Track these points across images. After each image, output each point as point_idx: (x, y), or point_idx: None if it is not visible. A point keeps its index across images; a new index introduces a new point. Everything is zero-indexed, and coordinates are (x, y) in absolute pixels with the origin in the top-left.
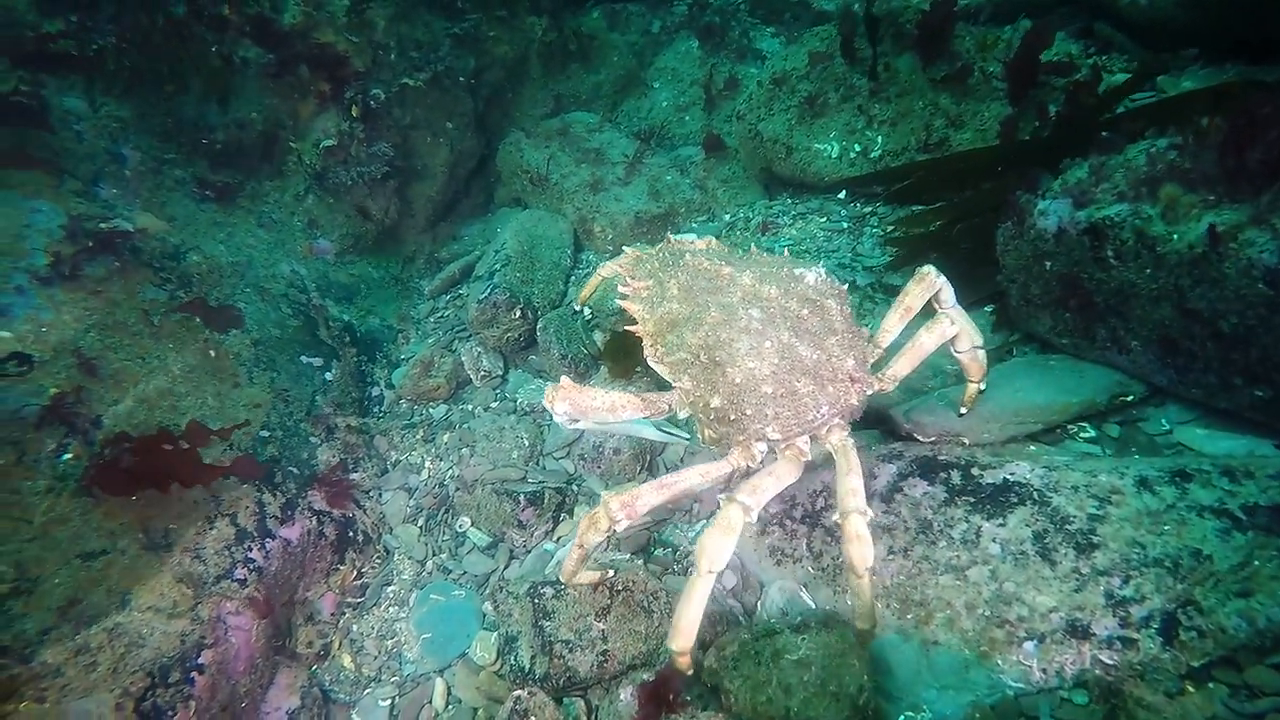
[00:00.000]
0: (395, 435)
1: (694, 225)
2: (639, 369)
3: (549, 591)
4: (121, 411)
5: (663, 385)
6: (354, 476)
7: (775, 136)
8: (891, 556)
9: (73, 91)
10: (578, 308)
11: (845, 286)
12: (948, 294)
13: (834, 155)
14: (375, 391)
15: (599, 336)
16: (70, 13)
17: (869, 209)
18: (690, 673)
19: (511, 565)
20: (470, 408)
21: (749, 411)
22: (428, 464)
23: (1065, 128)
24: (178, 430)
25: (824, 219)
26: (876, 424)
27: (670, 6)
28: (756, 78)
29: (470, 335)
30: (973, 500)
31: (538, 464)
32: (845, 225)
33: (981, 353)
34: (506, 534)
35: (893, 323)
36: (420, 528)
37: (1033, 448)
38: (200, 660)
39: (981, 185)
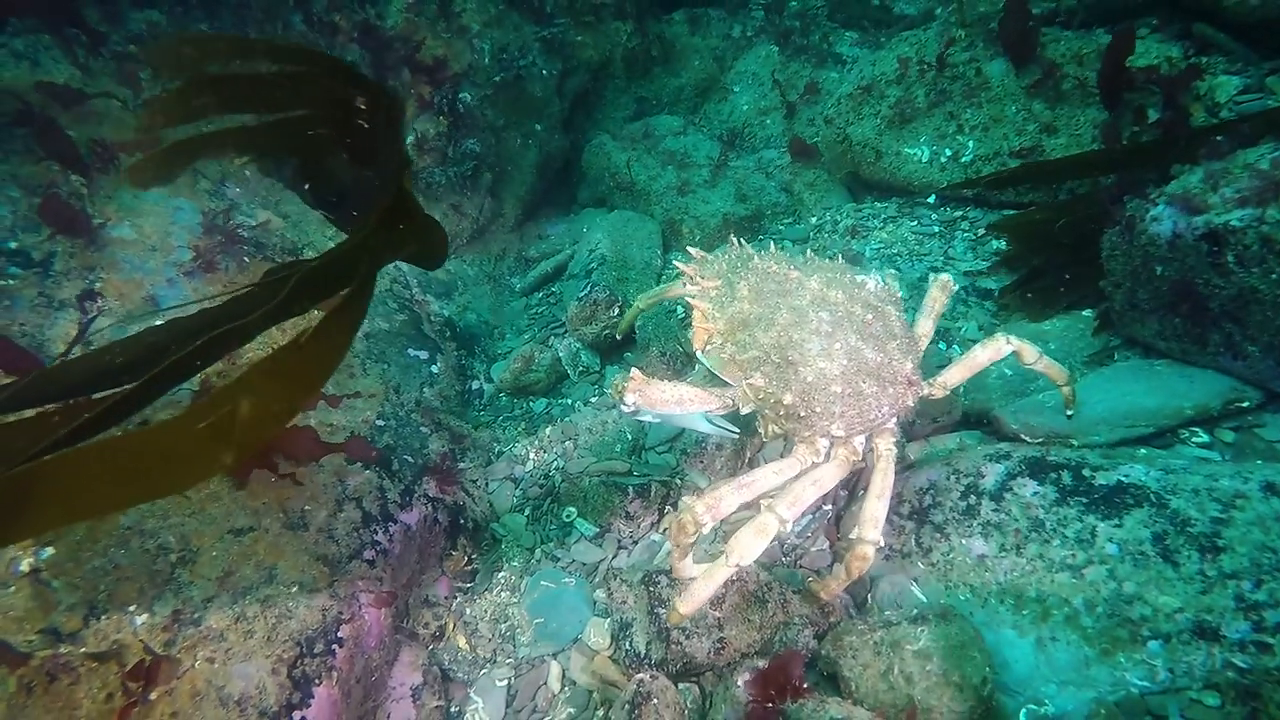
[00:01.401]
0: (498, 427)
1: (780, 227)
2: None
3: (664, 580)
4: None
5: (713, 381)
6: (462, 466)
7: (864, 140)
8: (1003, 554)
9: None
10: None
11: (901, 294)
12: (1030, 352)
13: (924, 160)
14: (475, 385)
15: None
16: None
17: (959, 213)
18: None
19: (620, 555)
20: (570, 402)
21: (818, 409)
22: (532, 455)
23: (1170, 132)
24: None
25: (914, 223)
26: (978, 425)
27: (749, 11)
28: (843, 82)
29: (568, 332)
30: (1085, 501)
31: (641, 458)
32: (937, 229)
33: (1049, 360)
34: (614, 524)
35: (925, 327)
36: (527, 517)
37: (1143, 451)
38: (340, 634)
39: (1079, 190)
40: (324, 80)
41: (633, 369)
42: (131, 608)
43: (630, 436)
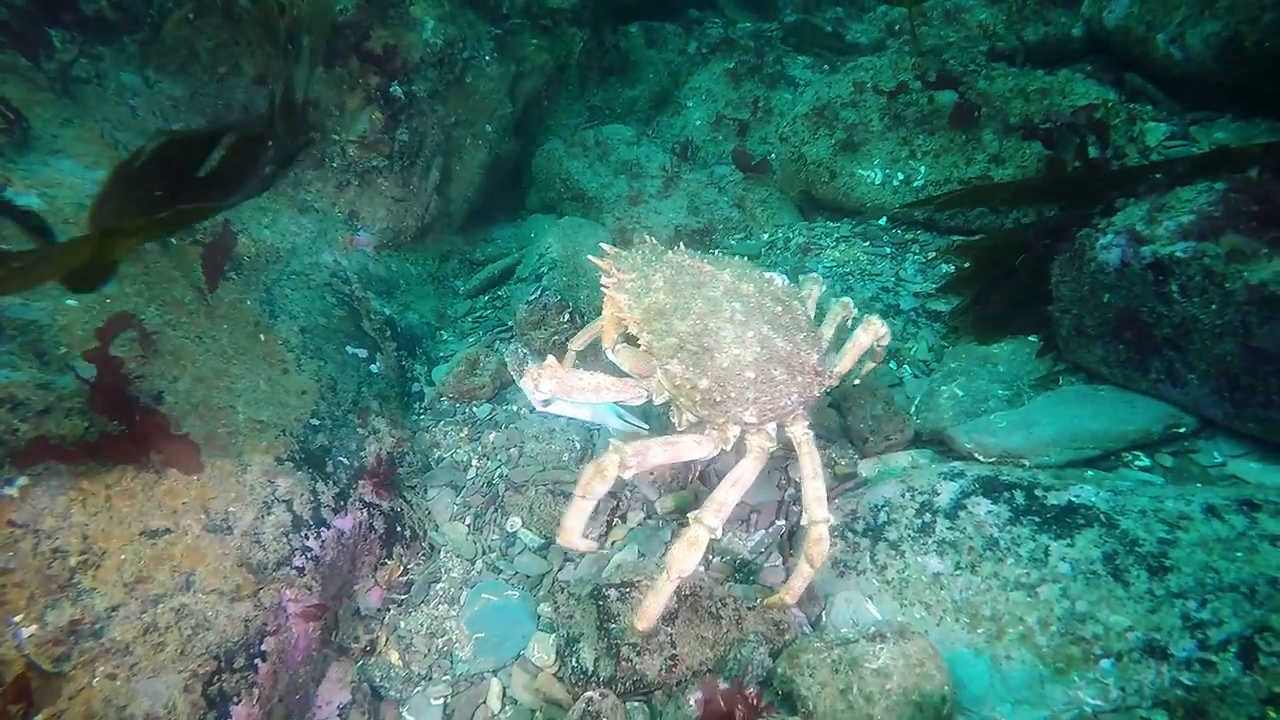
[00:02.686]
0: (439, 432)
1: (733, 242)
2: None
3: (614, 594)
4: (181, 389)
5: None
6: (400, 470)
7: (819, 160)
8: (958, 572)
9: (129, 66)
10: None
11: (807, 293)
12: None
13: (877, 182)
14: (416, 388)
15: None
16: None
17: (910, 236)
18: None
19: (566, 567)
20: (515, 408)
21: (733, 394)
22: (474, 462)
23: (1109, 168)
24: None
25: (867, 243)
26: (930, 443)
27: (704, 29)
28: (798, 102)
29: (514, 336)
30: (1038, 520)
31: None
32: (888, 250)
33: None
34: (558, 535)
35: (826, 333)
36: (469, 526)
37: (1090, 472)
38: (263, 647)
39: (1024, 219)
40: None
41: (549, 356)
42: (17, 618)
43: (579, 445)
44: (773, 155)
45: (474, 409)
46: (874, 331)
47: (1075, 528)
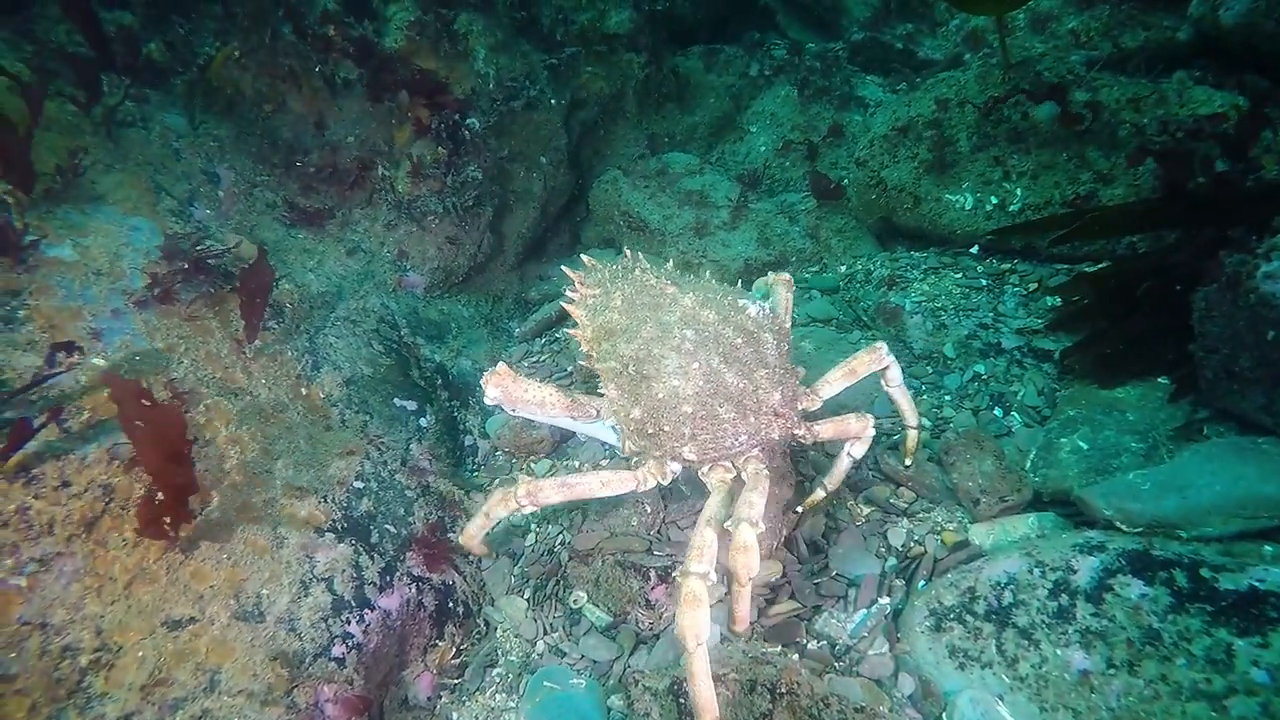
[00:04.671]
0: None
1: (807, 275)
2: None
3: None
4: (213, 453)
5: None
6: (452, 537)
7: (901, 185)
8: (1113, 671)
9: (174, 108)
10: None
11: (789, 325)
12: (895, 373)
13: (967, 207)
14: (469, 441)
15: None
16: (177, 26)
17: (1007, 265)
18: None
19: (639, 652)
20: (577, 464)
21: (667, 428)
22: (534, 527)
23: (1243, 184)
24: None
25: (959, 274)
26: (1051, 505)
27: (768, 50)
28: (873, 124)
29: (574, 383)
30: (1211, 609)
31: (661, 533)
32: (984, 282)
33: (906, 392)
34: (631, 613)
35: (836, 378)
36: (528, 600)
37: (1269, 548)
38: None
39: (1140, 246)
40: None
41: (500, 363)
42: None
43: (649, 508)
44: (846, 181)
45: (532, 465)
46: (876, 358)
47: (1266, 622)
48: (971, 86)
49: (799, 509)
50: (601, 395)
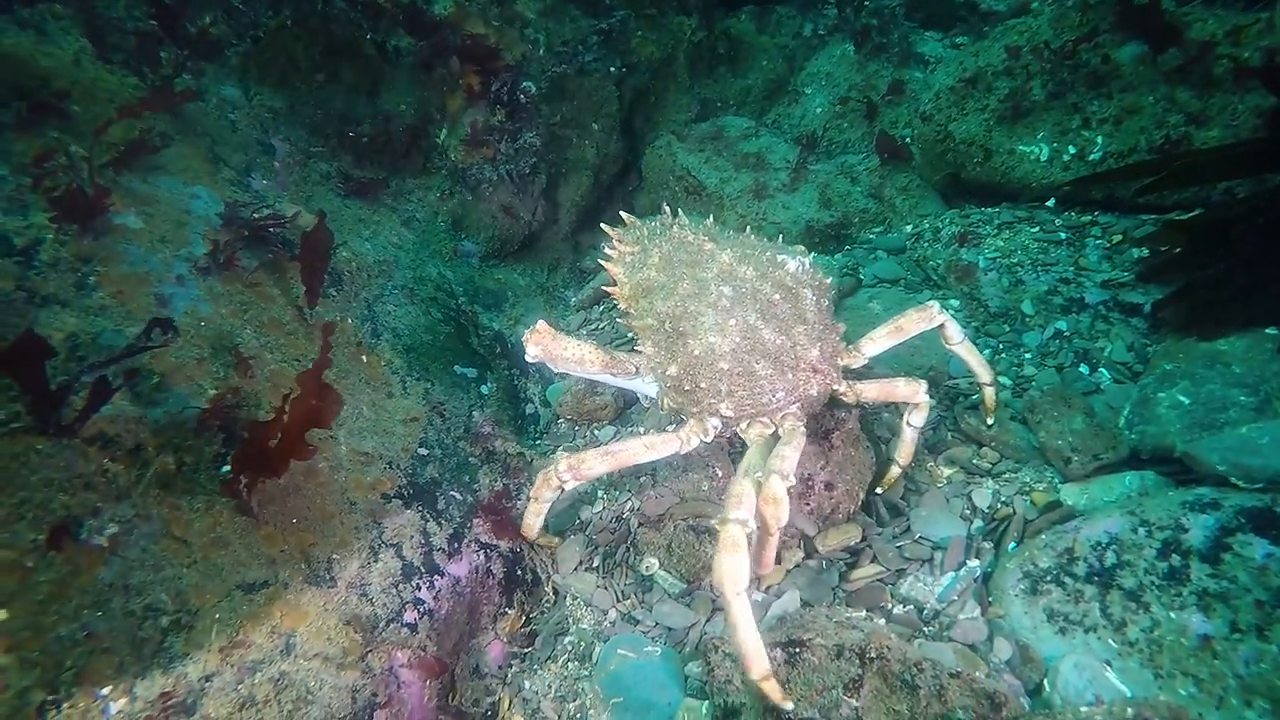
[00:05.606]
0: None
1: (871, 235)
2: None
3: (779, 655)
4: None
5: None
6: (519, 504)
7: (970, 138)
8: (1238, 636)
9: (229, 79)
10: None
11: (830, 280)
12: (953, 330)
13: (1043, 158)
14: (530, 409)
15: None
16: None
17: (1088, 218)
18: (789, 704)
19: (715, 618)
20: (643, 430)
21: (704, 385)
22: (601, 494)
23: None
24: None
25: (1035, 229)
26: (1151, 462)
27: (821, 9)
28: (938, 76)
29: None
30: None
31: None
32: (1063, 236)
33: (973, 348)
34: (704, 579)
35: (881, 335)
36: (598, 569)
37: None
38: None
39: (1238, 191)
40: None
41: (540, 321)
42: (106, 690)
43: (720, 472)
44: (909, 138)
45: (595, 432)
46: (926, 316)
47: None
48: (1045, 31)
49: (879, 490)
50: (640, 352)
